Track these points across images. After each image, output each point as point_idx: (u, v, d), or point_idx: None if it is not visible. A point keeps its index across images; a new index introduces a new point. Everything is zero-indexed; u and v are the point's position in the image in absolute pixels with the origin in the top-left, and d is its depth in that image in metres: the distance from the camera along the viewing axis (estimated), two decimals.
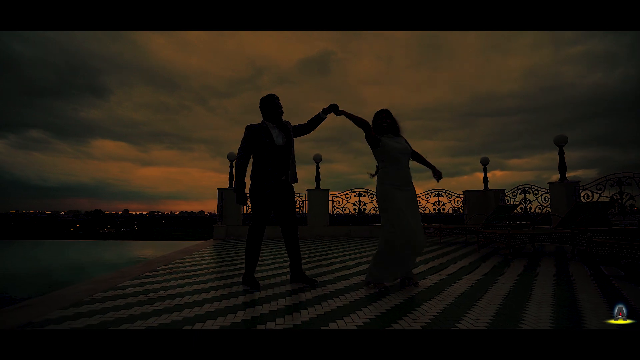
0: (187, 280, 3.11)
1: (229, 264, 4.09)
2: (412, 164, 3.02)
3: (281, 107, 3.04)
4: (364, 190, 8.99)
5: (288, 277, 3.19)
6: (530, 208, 7.89)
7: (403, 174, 2.83)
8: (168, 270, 3.58)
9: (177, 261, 4.23)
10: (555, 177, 7.17)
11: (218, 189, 8.42)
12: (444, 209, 9.17)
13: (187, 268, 3.76)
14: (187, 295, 2.58)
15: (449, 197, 9.20)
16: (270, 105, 2.99)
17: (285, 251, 3.16)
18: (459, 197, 9.23)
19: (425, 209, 9.10)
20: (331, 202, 8.81)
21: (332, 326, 1.89)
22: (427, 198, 9.13)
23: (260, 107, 3.03)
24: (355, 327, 1.87)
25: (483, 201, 8.95)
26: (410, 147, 2.96)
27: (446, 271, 3.61)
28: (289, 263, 3.09)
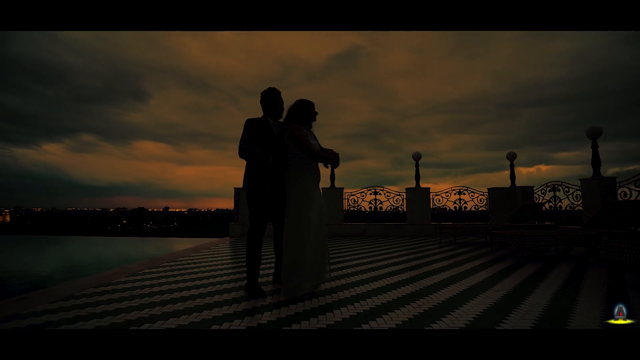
0: (177, 279, 3.22)
1: (230, 264, 4.19)
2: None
3: (282, 103, 2.93)
4: (380, 187, 8.80)
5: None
6: (561, 207, 7.27)
7: (319, 171, 2.83)
8: (167, 268, 3.74)
9: (181, 258, 4.41)
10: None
11: (234, 187, 8.64)
12: (465, 207, 8.73)
13: (186, 266, 3.89)
14: (167, 293, 2.68)
15: (472, 195, 8.73)
16: (271, 99, 2.88)
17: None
18: (483, 195, 8.73)
19: (446, 207, 8.71)
20: (346, 200, 8.73)
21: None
22: (448, 196, 8.72)
23: (261, 101, 2.92)
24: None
25: (509, 199, 8.39)
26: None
27: (438, 277, 3.42)
28: (274, 263, 3.09)
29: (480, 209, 8.74)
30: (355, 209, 8.82)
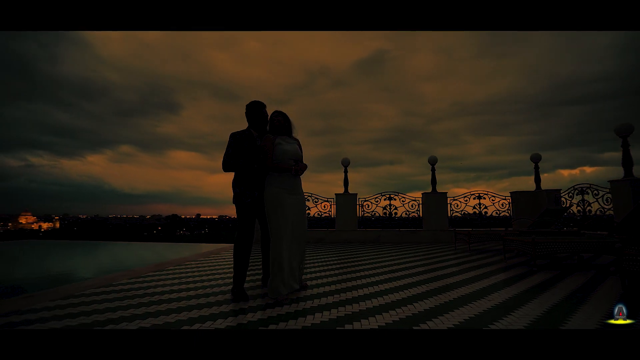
0: (174, 282, 3.35)
1: (229, 270, 4.28)
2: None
3: (266, 116, 3.00)
4: (394, 193, 8.64)
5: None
6: (590, 211, 6.74)
7: (291, 178, 2.82)
8: (169, 272, 3.90)
9: (188, 263, 4.58)
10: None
11: None
12: (486, 212, 8.32)
13: (187, 271, 4.03)
14: (158, 295, 2.80)
15: (492, 199, 8.32)
16: (255, 113, 2.96)
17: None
18: (504, 199, 8.29)
19: (464, 212, 8.35)
20: (359, 206, 8.64)
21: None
22: (467, 201, 8.37)
23: (246, 113, 2.99)
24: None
25: (534, 204, 7.90)
26: (301, 151, 2.97)
27: (432, 284, 3.30)
28: (262, 267, 3.13)
29: (502, 214, 8.30)
30: (369, 215, 8.71)
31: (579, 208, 6.93)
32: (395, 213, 8.57)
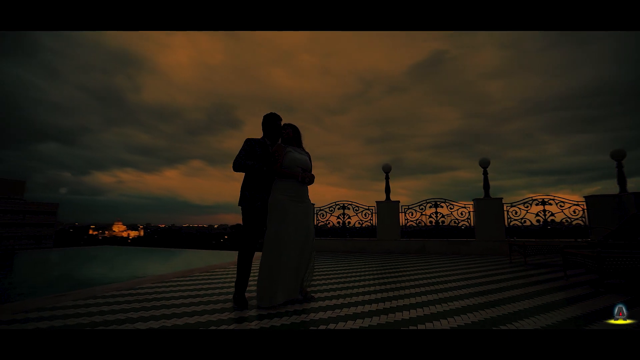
0: (191, 288, 3.43)
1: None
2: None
3: (280, 127, 3.04)
4: (441, 200, 7.94)
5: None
6: None
7: (297, 186, 2.79)
8: (194, 279, 4.03)
9: (217, 270, 4.70)
10: None
11: None
12: (553, 220, 7.15)
13: (212, 278, 4.13)
14: (172, 299, 2.87)
15: (561, 206, 7.13)
16: (271, 124, 3.05)
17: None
18: (577, 205, 7.04)
19: (525, 221, 7.29)
20: (403, 214, 8.12)
21: None
22: (527, 207, 7.31)
23: (262, 123, 3.08)
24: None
25: (617, 209, 6.58)
26: (310, 163, 2.97)
27: (467, 301, 2.84)
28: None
29: (574, 223, 7.06)
30: (413, 224, 8.13)
31: None
32: (443, 221, 7.86)
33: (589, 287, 3.39)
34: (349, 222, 8.57)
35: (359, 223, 8.48)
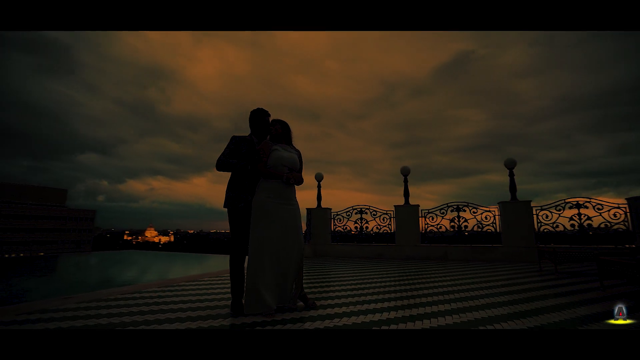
0: (196, 292, 3.39)
1: None
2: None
3: (268, 123, 2.92)
4: (463, 203, 7.53)
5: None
6: None
7: (281, 186, 2.64)
8: (201, 283, 4.00)
9: (226, 275, 4.66)
10: None
11: (307, 208, 8.84)
12: (590, 225, 6.54)
13: (220, 283, 4.08)
14: (172, 304, 2.84)
15: (598, 209, 6.51)
16: (258, 120, 2.91)
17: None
18: (618, 208, 6.41)
19: (557, 226, 6.72)
20: (423, 219, 7.78)
21: None
22: (560, 211, 6.74)
23: (250, 119, 2.95)
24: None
25: None
26: (300, 163, 2.81)
27: (483, 313, 2.58)
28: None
29: (615, 227, 6.42)
30: (434, 229, 7.75)
31: None
32: (465, 226, 7.44)
33: (629, 299, 3.00)
34: (367, 227, 8.33)
35: (377, 228, 8.22)
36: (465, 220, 7.45)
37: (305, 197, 8.87)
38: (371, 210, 8.36)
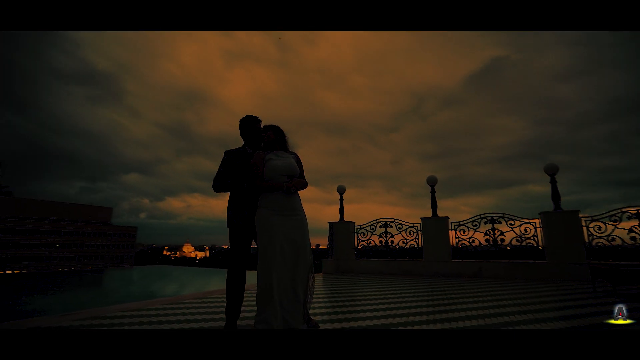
0: (199, 310, 3.23)
1: None
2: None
3: (261, 132, 2.72)
4: (498, 214, 6.86)
5: None
6: None
7: (283, 197, 2.43)
8: (208, 300, 3.83)
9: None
10: None
11: (328, 222, 8.55)
12: None
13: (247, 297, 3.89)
14: (168, 324, 2.68)
15: None
16: (249, 128, 2.74)
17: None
18: None
19: (613, 239, 5.84)
20: (453, 232, 7.18)
21: None
22: (616, 222, 5.87)
23: (240, 129, 2.77)
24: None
25: None
26: (300, 166, 2.62)
27: None
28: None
29: None
30: (466, 243, 7.12)
31: None
32: (502, 240, 6.74)
33: None
34: (392, 242, 7.86)
35: (404, 242, 7.71)
36: (502, 233, 6.76)
37: (332, 212, 8.61)
38: (396, 224, 7.89)
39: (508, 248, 6.78)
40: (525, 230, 6.51)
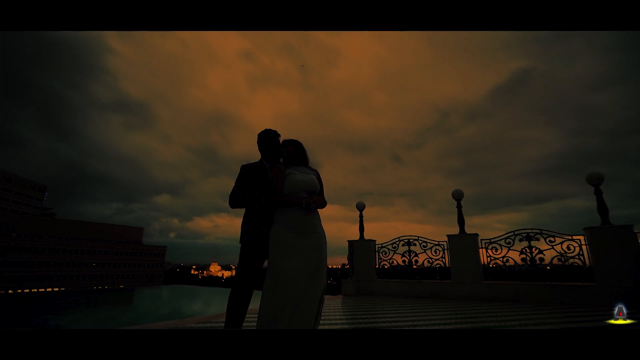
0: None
1: None
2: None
3: (279, 145, 2.63)
4: (535, 231, 6.20)
5: None
6: None
7: (301, 214, 2.25)
8: (208, 327, 3.60)
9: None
10: None
11: (348, 240, 8.16)
12: None
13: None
14: None
15: None
16: (267, 142, 2.65)
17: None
18: None
19: None
20: (484, 250, 6.56)
21: None
22: None
23: (258, 143, 2.71)
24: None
25: None
26: (320, 184, 2.46)
27: None
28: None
29: None
30: (500, 262, 6.46)
31: None
32: (541, 259, 6.05)
33: None
34: (416, 261, 7.31)
35: (429, 262, 7.15)
36: (541, 252, 6.07)
37: (357, 231, 8.25)
38: (420, 242, 7.37)
39: (548, 268, 6.07)
40: (568, 247, 5.81)
